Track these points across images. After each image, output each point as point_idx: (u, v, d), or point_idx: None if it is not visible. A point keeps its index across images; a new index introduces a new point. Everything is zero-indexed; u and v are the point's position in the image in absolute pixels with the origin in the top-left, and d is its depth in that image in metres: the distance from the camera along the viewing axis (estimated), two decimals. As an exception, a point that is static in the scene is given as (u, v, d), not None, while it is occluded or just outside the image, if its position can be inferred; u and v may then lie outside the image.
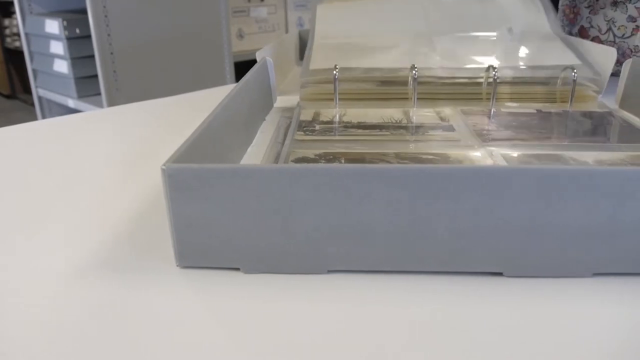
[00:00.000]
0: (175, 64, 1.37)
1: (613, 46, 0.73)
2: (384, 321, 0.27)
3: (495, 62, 0.61)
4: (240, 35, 1.82)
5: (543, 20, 0.70)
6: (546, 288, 0.29)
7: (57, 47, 1.43)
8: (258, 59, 0.60)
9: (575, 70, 0.54)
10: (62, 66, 1.44)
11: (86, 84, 1.42)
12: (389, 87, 0.58)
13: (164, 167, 0.29)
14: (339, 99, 0.58)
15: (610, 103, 0.58)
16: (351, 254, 0.30)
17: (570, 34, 0.78)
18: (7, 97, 2.96)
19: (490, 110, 0.54)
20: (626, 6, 0.70)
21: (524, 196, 0.28)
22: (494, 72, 0.53)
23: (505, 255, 0.29)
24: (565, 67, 0.56)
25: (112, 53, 1.30)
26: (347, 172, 0.28)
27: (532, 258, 0.29)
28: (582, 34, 0.77)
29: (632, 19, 0.69)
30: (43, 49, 1.49)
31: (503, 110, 0.54)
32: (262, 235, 0.30)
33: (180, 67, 1.37)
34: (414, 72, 0.54)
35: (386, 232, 0.29)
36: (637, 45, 0.70)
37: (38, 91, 1.58)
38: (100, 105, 1.36)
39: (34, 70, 1.57)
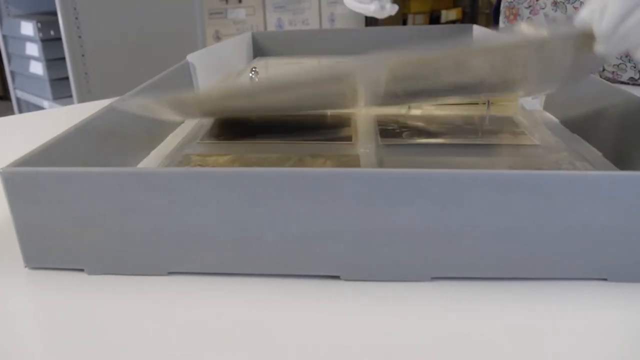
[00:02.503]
0: (149, 66, 1.37)
1: (554, 48, 0.72)
2: (220, 322, 0.27)
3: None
4: (218, 37, 1.83)
5: None
6: (384, 292, 0.29)
7: (33, 49, 1.44)
8: (190, 61, 0.61)
9: (491, 73, 0.54)
10: (37, 68, 1.45)
11: (61, 86, 1.43)
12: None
13: (0, 170, 0.29)
14: (261, 101, 0.58)
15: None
16: (189, 257, 0.30)
17: (514, 35, 0.78)
18: (1, 98, 2.98)
19: (409, 110, 0.53)
20: (565, 7, 0.69)
21: (354, 200, 0.28)
22: (409, 74, 0.53)
23: (341, 258, 0.29)
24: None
25: (83, 55, 1.31)
26: (174, 176, 0.28)
27: (369, 262, 0.29)
28: (525, 35, 0.76)
29: (571, 19, 0.69)
30: (19, 51, 1.50)
31: (415, 111, 0.53)
32: (102, 238, 0.30)
33: (154, 69, 1.37)
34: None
35: (219, 235, 0.29)
36: (577, 47, 0.69)
37: (16, 92, 1.59)
38: (75, 107, 1.36)
39: (12, 72, 1.58)
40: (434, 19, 2.44)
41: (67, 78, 1.37)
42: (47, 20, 1.40)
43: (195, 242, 0.29)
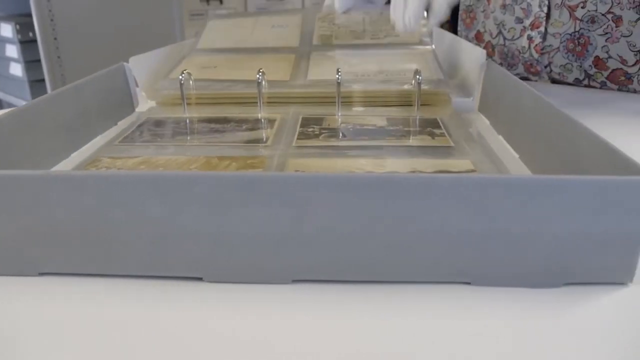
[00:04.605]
0: (127, 68, 1.38)
1: (503, 49, 0.72)
2: (84, 322, 0.27)
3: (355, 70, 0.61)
4: (198, 39, 1.83)
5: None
6: (246, 293, 0.29)
7: (12, 51, 1.45)
8: (131, 64, 0.61)
9: (420, 73, 0.54)
10: (16, 69, 1.46)
11: (41, 88, 1.44)
12: (244, 90, 0.58)
13: None
14: (197, 103, 0.58)
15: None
16: (58, 258, 0.30)
17: (467, 38, 0.78)
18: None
19: (338, 115, 0.53)
20: (513, 8, 0.69)
21: (207, 202, 0.28)
22: (337, 75, 0.53)
23: (202, 260, 0.29)
24: (416, 70, 0.55)
25: (59, 57, 1.32)
26: (34, 178, 0.28)
27: (230, 264, 0.29)
28: (478, 38, 0.76)
29: (519, 20, 0.69)
30: (0, 53, 1.52)
31: (341, 114, 0.53)
32: (-29, 239, 0.30)
33: (131, 70, 1.38)
34: (258, 75, 0.54)
35: (83, 236, 0.29)
36: (524, 47, 0.69)
37: (-2, 94, 1.61)
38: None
39: (-7, 74, 1.60)
40: (422, 20, 2.43)
41: (44, 80, 1.39)
42: (25, 22, 1.41)
43: (61, 244, 0.30)
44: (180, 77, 0.55)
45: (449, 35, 0.82)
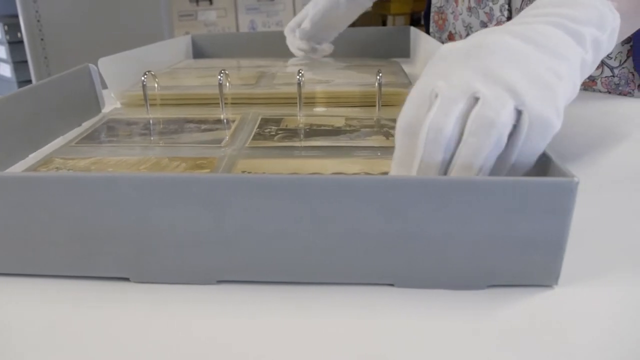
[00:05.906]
0: (114, 68, 1.38)
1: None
2: (14, 323, 0.27)
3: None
4: (188, 39, 1.84)
5: None
6: (172, 294, 0.29)
7: (0, 52, 1.46)
8: (100, 66, 0.61)
9: (380, 74, 0.54)
10: (5, 70, 1.47)
11: (29, 88, 1.44)
12: (207, 91, 0.59)
13: None
14: (161, 104, 0.58)
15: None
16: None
17: (440, 40, 0.78)
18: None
19: (299, 115, 0.53)
20: (478, 11, 0.69)
21: (131, 202, 0.28)
22: (299, 76, 0.53)
23: (128, 260, 0.29)
24: (377, 71, 0.55)
25: (46, 57, 1.32)
26: (-44, 179, 0.29)
27: (156, 264, 0.29)
28: (451, 39, 0.76)
29: (483, 24, 0.69)
30: (-12, 53, 1.53)
31: (302, 115, 0.54)
32: None
33: (119, 70, 1.38)
34: (219, 76, 0.54)
35: (9, 235, 0.29)
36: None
37: (-12, 94, 1.62)
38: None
39: (-17, 74, 1.61)
40: (415, 21, 2.43)
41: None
42: (13, 23, 1.42)
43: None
44: (143, 77, 0.55)
45: (424, 36, 0.82)
